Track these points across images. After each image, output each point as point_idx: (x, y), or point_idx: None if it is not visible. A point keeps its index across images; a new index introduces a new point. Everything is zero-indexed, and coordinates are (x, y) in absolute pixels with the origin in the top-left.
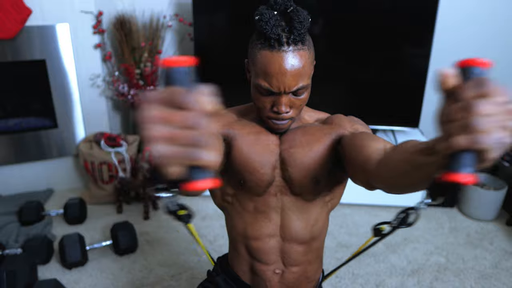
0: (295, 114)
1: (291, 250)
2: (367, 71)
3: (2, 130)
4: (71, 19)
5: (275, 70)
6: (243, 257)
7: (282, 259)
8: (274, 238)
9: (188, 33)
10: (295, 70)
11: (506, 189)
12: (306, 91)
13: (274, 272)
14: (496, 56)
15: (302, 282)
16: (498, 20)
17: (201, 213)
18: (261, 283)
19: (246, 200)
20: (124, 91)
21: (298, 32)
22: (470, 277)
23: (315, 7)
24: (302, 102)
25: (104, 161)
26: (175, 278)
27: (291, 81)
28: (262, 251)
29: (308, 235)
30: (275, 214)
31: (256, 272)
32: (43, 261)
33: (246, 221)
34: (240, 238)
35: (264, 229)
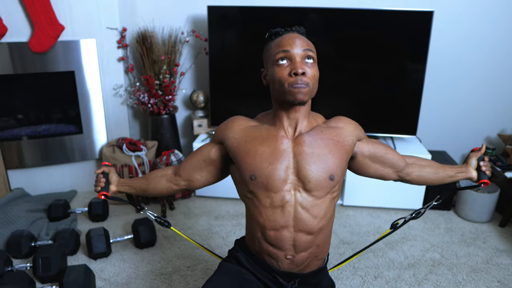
0: (310, 81)
1: (302, 239)
2: (370, 85)
3: (31, 135)
4: (98, 34)
5: (286, 41)
6: (260, 242)
7: (294, 247)
8: (288, 229)
9: (203, 47)
10: (302, 40)
11: (498, 192)
12: (314, 63)
13: (286, 257)
14: (488, 71)
15: (312, 261)
16: (489, 37)
17: (214, 213)
18: (274, 262)
19: (263, 197)
20: (144, 100)
21: (299, 28)
22: (462, 271)
23: (320, 28)
24: (313, 74)
25: (125, 164)
26: (191, 269)
27: (300, 43)
28: (276, 239)
29: (317, 226)
30: (289, 208)
31: (270, 255)
32: (71, 251)
33: (263, 215)
34: (258, 228)
35: (279, 221)
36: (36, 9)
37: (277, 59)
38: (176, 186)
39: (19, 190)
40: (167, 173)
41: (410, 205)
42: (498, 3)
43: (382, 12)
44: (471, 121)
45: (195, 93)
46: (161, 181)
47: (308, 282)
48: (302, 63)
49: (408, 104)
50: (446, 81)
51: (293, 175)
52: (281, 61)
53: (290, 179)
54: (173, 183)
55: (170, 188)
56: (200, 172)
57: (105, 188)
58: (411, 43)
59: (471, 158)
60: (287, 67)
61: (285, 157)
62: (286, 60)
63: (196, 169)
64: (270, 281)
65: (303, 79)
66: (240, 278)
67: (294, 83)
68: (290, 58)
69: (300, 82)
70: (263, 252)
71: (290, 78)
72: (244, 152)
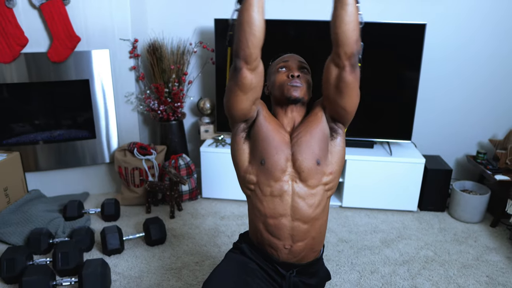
0: (304, 81)
1: (299, 228)
2: (368, 93)
3: (47, 139)
4: (112, 45)
5: (286, 56)
6: (261, 233)
7: (291, 236)
8: (286, 217)
9: (210, 57)
10: (300, 58)
11: (489, 194)
12: (308, 75)
13: (284, 247)
14: (480, 81)
15: (308, 252)
16: (482, 49)
17: (220, 214)
18: (274, 253)
19: (264, 186)
20: (154, 107)
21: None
22: (453, 267)
23: (321, 39)
24: (307, 79)
25: (136, 167)
26: (199, 264)
27: (297, 58)
28: (276, 227)
29: (312, 215)
30: (287, 197)
31: (271, 245)
32: (86, 248)
33: (264, 203)
34: (259, 217)
35: (278, 210)
36: (55, 22)
37: (277, 68)
38: (253, 56)
39: (35, 191)
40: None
41: (405, 207)
42: (492, 15)
43: (379, 24)
44: (464, 127)
45: (202, 101)
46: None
47: (305, 271)
48: (298, 70)
49: (404, 111)
50: (440, 90)
51: (291, 167)
52: (281, 69)
53: (289, 171)
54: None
55: (252, 48)
56: (257, 80)
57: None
58: (406, 54)
59: None
60: (285, 72)
61: (285, 148)
62: (285, 68)
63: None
64: (271, 270)
65: (298, 79)
66: (244, 266)
67: (291, 81)
68: (288, 67)
69: (296, 81)
70: (264, 243)
71: (288, 79)
72: (265, 134)
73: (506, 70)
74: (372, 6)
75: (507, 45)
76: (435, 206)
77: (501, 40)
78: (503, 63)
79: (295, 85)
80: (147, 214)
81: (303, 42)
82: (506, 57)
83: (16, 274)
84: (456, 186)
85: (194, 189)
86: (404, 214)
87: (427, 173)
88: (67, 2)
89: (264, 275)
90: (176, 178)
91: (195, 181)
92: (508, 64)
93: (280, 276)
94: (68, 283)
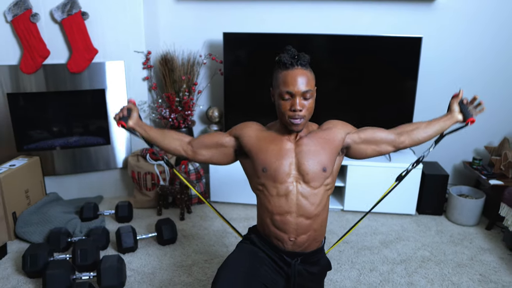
0: (306, 114)
1: (302, 223)
2: (370, 103)
3: (64, 145)
4: (126, 57)
5: (290, 80)
6: (268, 227)
7: (296, 230)
8: (291, 214)
9: (219, 68)
10: (303, 79)
11: (484, 198)
12: (312, 98)
13: (289, 239)
14: (476, 91)
15: (311, 243)
16: (478, 61)
17: (227, 216)
18: (280, 244)
19: (271, 187)
20: (166, 115)
21: (303, 60)
22: (448, 266)
23: (323, 51)
24: (310, 107)
25: (148, 171)
26: (208, 262)
27: (300, 85)
28: (282, 223)
29: (314, 212)
30: (292, 197)
31: (277, 238)
32: (102, 246)
33: (271, 202)
34: (267, 214)
35: (284, 207)
36: (75, 36)
37: (281, 93)
38: (184, 152)
39: (53, 194)
40: (183, 139)
41: (403, 211)
42: (488, 26)
43: (379, 38)
44: (461, 134)
45: (210, 109)
46: (174, 142)
47: (308, 260)
48: (301, 100)
49: (402, 120)
50: (438, 100)
51: (295, 170)
52: (285, 97)
53: (293, 174)
54: (182, 149)
55: (178, 151)
56: (207, 150)
57: (124, 119)
58: (404, 65)
59: (452, 104)
60: (289, 101)
61: (289, 155)
62: (288, 96)
63: (207, 146)
64: (278, 259)
65: (300, 114)
66: (254, 254)
67: (293, 117)
68: (292, 95)
69: (297, 117)
70: (271, 235)
71: (290, 112)
72: (258, 148)
73: (501, 82)
74: (371, 20)
75: (502, 58)
76: (433, 210)
77: (496, 53)
78: (498, 75)
79: (296, 123)
80: (158, 216)
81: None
82: (501, 69)
83: (39, 268)
84: (453, 190)
85: (203, 193)
86: (403, 217)
87: (425, 178)
88: (86, 17)
89: (271, 263)
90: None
91: (203, 185)
92: (503, 76)
93: (286, 264)
94: (87, 277)
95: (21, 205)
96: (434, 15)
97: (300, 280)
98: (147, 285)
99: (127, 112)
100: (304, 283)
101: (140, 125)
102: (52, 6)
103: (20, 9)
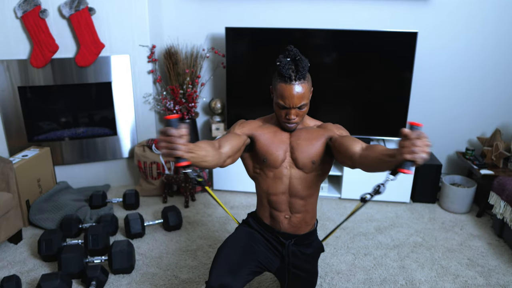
0: (299, 120)
1: (295, 202)
2: (366, 95)
3: (72, 136)
4: (132, 51)
5: (287, 95)
6: (266, 207)
7: (290, 208)
8: (285, 194)
9: (221, 62)
10: (299, 94)
11: (476, 187)
12: (306, 107)
13: (285, 217)
14: (471, 85)
15: (303, 225)
16: (473, 55)
17: (230, 204)
18: (276, 224)
19: (268, 171)
20: (170, 107)
21: (301, 73)
22: (439, 251)
23: (321, 45)
24: (303, 113)
25: (154, 161)
26: (212, 247)
27: (296, 101)
28: (277, 202)
29: (306, 193)
30: (286, 179)
31: (273, 217)
32: (112, 232)
33: (268, 184)
34: (264, 195)
35: (279, 188)
36: (82, 31)
37: (278, 101)
38: (222, 163)
39: (63, 183)
40: (218, 152)
41: (398, 199)
42: (483, 22)
43: (376, 32)
44: (454, 126)
45: (213, 101)
46: (214, 157)
47: (302, 242)
48: (296, 111)
49: (398, 111)
50: (434, 93)
51: (289, 157)
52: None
53: (287, 159)
54: (219, 163)
55: (217, 165)
56: (233, 156)
57: (181, 159)
58: (400, 59)
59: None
60: (284, 111)
61: (284, 145)
62: (283, 106)
63: (233, 152)
64: (273, 240)
65: (293, 121)
66: (251, 235)
67: (287, 122)
68: (287, 106)
69: (291, 123)
70: (268, 215)
71: (285, 119)
72: (263, 142)
73: (494, 76)
74: (369, 16)
75: (496, 53)
76: (427, 198)
77: (491, 48)
78: (491, 70)
79: (290, 127)
80: (163, 203)
81: (304, 48)
82: (495, 64)
83: (53, 252)
84: (446, 180)
85: (206, 182)
86: (398, 205)
87: (419, 168)
88: (93, 12)
89: (267, 244)
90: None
91: (207, 174)
92: (496, 71)
93: (281, 245)
94: (98, 260)
95: (33, 193)
96: (430, 11)
97: (294, 260)
98: (155, 268)
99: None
100: (298, 263)
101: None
102: (60, 2)
103: (29, 6)
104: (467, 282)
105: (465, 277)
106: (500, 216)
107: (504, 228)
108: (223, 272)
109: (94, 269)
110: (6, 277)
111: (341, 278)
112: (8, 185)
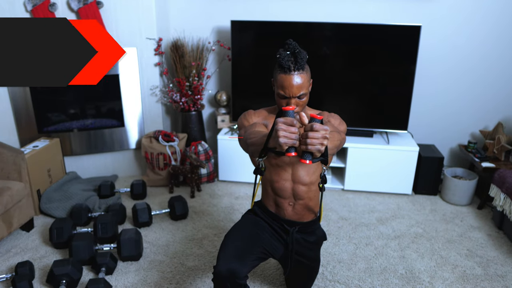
0: (299, 110)
1: (298, 189)
2: (370, 89)
3: (80, 127)
4: (139, 44)
5: (287, 85)
6: (270, 195)
7: (293, 195)
8: (288, 181)
9: (227, 55)
10: (298, 84)
11: (477, 179)
12: (306, 97)
13: (289, 204)
14: (473, 79)
15: (306, 212)
16: (475, 49)
17: (235, 194)
18: (281, 211)
19: (272, 159)
20: (176, 99)
21: (300, 64)
22: (439, 242)
23: (325, 38)
24: (304, 103)
25: (160, 152)
26: (217, 236)
27: (295, 90)
28: (281, 189)
29: (308, 180)
30: (289, 167)
31: (278, 204)
32: (120, 221)
33: (272, 172)
34: (268, 183)
35: (282, 176)
36: None
37: (279, 91)
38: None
39: (72, 173)
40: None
41: (400, 190)
42: (487, 13)
43: (381, 26)
44: (457, 119)
45: (219, 93)
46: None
47: (305, 230)
48: (296, 100)
49: (401, 104)
50: (437, 86)
51: None
52: (281, 95)
53: None
54: None
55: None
56: None
57: (293, 149)
58: (403, 52)
59: None
60: (285, 100)
61: None
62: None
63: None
64: (278, 228)
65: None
66: (256, 223)
67: None
68: (287, 95)
69: None
70: (273, 203)
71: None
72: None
73: (496, 69)
74: (374, 9)
75: (498, 47)
76: (428, 190)
77: (494, 42)
78: (494, 63)
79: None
80: (170, 194)
81: (309, 42)
82: (497, 58)
83: (64, 240)
84: (448, 172)
85: (211, 173)
86: (400, 197)
87: (421, 160)
88: (101, 6)
89: (272, 231)
90: (196, 163)
91: (212, 165)
92: (498, 64)
93: (285, 232)
94: (108, 248)
95: (44, 183)
96: (433, 5)
97: (297, 247)
98: (162, 256)
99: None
100: (301, 250)
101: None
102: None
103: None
104: (466, 272)
105: (464, 267)
106: (500, 208)
107: (504, 220)
108: (230, 258)
109: (103, 256)
110: (20, 263)
111: (343, 267)
112: (20, 175)
